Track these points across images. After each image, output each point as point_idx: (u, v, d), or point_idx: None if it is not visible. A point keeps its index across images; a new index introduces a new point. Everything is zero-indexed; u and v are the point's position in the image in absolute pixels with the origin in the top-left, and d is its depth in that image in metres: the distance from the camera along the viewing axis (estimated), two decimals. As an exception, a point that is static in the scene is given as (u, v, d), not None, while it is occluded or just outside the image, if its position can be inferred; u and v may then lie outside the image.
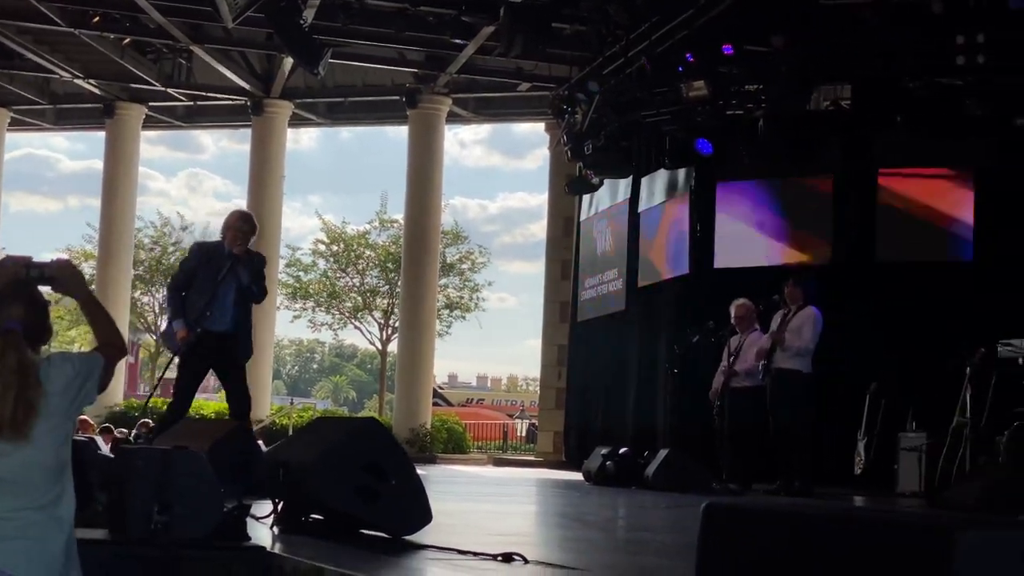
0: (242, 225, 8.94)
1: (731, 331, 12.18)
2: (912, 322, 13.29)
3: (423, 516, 5.21)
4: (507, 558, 4.34)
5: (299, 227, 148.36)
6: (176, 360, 9.16)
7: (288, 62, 21.18)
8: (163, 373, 10.28)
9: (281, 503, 5.53)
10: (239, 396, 8.81)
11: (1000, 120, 13.19)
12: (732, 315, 12.25)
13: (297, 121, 24.48)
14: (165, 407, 10.45)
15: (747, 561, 2.31)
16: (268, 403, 23.24)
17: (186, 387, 8.91)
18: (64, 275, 3.37)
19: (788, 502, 9.91)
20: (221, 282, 8.67)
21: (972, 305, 12.49)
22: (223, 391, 9.53)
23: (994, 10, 12.47)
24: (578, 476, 14.12)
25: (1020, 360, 7.46)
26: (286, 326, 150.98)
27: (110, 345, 3.38)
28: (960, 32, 12.51)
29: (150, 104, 24.34)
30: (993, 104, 12.84)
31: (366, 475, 5.12)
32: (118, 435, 14.68)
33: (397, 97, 22.43)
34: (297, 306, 34.85)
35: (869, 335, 13.45)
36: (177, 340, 8.75)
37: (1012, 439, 10.47)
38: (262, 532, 4.96)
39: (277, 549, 4.53)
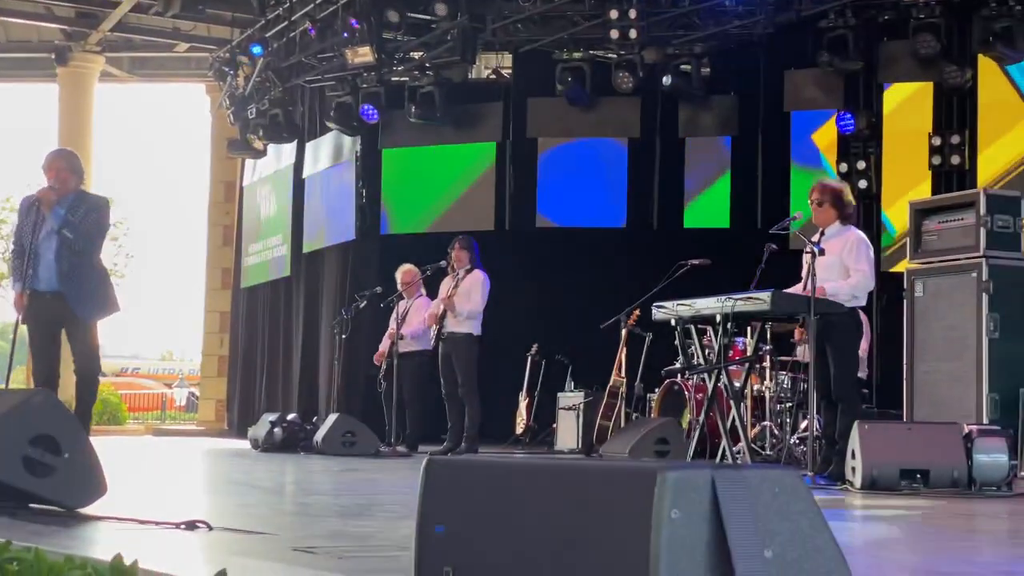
0: (53, 162, 7.74)
1: (398, 296, 12.34)
2: (571, 286, 13.89)
3: (98, 488, 5.09)
4: (191, 526, 4.28)
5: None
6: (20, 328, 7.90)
7: (-77, 14, 19.83)
8: (13, 347, 9.17)
9: (-59, 480, 5.26)
10: (79, 357, 7.79)
11: (647, 92, 13.91)
12: (398, 280, 12.41)
13: (-67, 77, 23.00)
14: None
15: (468, 514, 2.41)
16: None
17: (37, 349, 7.87)
18: None
19: (501, 457, 10.19)
20: (35, 234, 7.55)
21: (627, 270, 13.13)
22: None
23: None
24: (244, 444, 13.99)
25: (672, 322, 7.96)
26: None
27: None
28: (613, 7, 13.13)
29: None
30: (642, 77, 13.52)
31: (36, 448, 4.96)
32: None
33: (45, 54, 21.39)
34: (-65, 274, 32.86)
35: (531, 298, 13.97)
36: (15, 306, 7.74)
37: (663, 396, 11.18)
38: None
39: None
